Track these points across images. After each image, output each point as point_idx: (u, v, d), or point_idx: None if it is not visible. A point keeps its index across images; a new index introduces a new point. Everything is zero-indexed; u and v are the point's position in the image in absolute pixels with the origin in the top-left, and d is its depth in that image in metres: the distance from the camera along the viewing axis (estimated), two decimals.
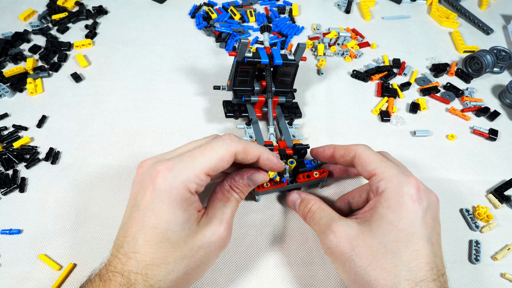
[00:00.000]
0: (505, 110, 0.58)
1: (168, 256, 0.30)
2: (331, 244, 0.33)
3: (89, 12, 0.69)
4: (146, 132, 0.52)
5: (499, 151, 0.53)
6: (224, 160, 0.33)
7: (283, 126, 0.50)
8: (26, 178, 0.47)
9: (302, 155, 0.46)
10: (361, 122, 0.55)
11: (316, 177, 0.43)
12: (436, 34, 0.70)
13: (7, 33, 0.65)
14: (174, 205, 0.30)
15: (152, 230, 0.30)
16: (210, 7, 0.71)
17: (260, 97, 0.49)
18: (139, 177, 0.32)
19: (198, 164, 0.31)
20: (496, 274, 0.42)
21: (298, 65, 0.50)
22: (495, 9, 0.76)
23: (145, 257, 0.30)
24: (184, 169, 0.31)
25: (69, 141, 0.51)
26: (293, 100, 0.52)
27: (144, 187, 0.31)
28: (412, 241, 0.31)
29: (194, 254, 0.31)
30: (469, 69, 0.63)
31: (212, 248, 0.32)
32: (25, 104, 0.55)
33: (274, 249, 0.42)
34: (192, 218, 0.32)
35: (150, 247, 0.30)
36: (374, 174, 0.35)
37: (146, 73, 0.60)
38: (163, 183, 0.30)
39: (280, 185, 0.42)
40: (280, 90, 0.52)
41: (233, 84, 0.49)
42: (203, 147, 0.33)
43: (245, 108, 0.51)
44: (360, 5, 0.74)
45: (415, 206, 0.32)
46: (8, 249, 0.41)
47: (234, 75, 0.48)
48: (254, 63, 0.47)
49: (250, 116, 0.50)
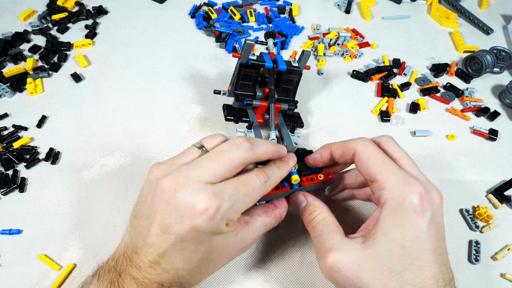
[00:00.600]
0: (505, 110, 0.58)
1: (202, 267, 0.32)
2: (331, 270, 0.31)
3: (89, 12, 0.69)
4: (146, 132, 0.52)
5: (499, 151, 0.53)
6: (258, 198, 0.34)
7: (285, 134, 0.49)
8: (26, 178, 0.47)
9: None
10: (361, 122, 0.55)
11: (320, 180, 0.39)
12: (436, 34, 0.70)
13: (7, 33, 0.65)
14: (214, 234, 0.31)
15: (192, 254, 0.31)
16: (210, 7, 0.71)
17: (263, 102, 0.48)
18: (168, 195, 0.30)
19: (242, 205, 0.32)
20: (496, 274, 0.42)
21: (301, 73, 0.49)
22: (495, 9, 0.76)
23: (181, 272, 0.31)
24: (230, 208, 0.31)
25: (69, 141, 0.51)
26: (295, 109, 0.50)
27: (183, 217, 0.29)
28: (417, 258, 0.30)
29: (222, 261, 0.33)
30: (469, 69, 0.63)
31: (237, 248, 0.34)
32: (25, 104, 0.55)
33: (274, 249, 0.42)
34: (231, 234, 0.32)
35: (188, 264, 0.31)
36: (375, 181, 0.33)
37: (146, 73, 0.60)
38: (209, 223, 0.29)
39: (281, 189, 0.38)
40: (283, 98, 0.50)
41: (235, 87, 0.48)
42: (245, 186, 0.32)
43: (245, 112, 0.50)
44: (360, 5, 0.74)
45: (419, 219, 0.30)
46: (8, 249, 0.41)
47: (236, 78, 0.47)
48: (258, 66, 0.46)
49: (251, 120, 0.48)
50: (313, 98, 0.58)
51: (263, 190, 0.33)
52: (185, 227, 0.29)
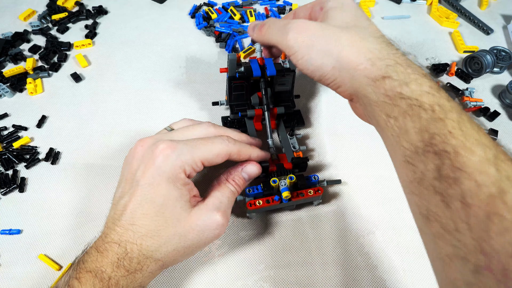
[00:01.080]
0: (505, 110, 0.58)
1: (161, 230, 0.32)
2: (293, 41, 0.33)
3: (89, 12, 0.69)
4: (146, 132, 0.52)
5: None
6: (219, 157, 0.36)
7: (283, 137, 0.48)
8: (26, 178, 0.47)
9: (303, 168, 0.44)
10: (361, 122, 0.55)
11: (310, 195, 0.41)
12: (436, 34, 0.70)
13: (7, 33, 0.65)
14: (170, 181, 0.33)
15: (149, 204, 0.32)
16: (210, 7, 0.71)
17: (257, 110, 0.48)
18: (140, 154, 0.35)
19: (198, 152, 0.34)
20: None
21: (294, 72, 0.48)
22: (495, 9, 0.76)
23: (141, 229, 0.32)
24: (186, 152, 0.34)
25: (69, 141, 0.51)
26: (293, 108, 0.50)
27: (146, 164, 0.33)
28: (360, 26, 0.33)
29: (185, 234, 0.33)
30: (469, 69, 0.63)
31: (206, 232, 0.34)
32: (25, 104, 0.55)
33: (274, 248, 0.42)
34: (184, 197, 0.33)
35: (146, 220, 0.32)
36: None
37: (146, 73, 0.60)
38: (165, 160, 0.33)
39: (272, 203, 0.40)
40: (280, 99, 0.50)
41: (229, 99, 0.49)
42: (205, 140, 0.36)
43: (244, 122, 0.49)
44: (360, 5, 0.74)
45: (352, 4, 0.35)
46: (8, 249, 0.41)
47: (229, 90, 0.48)
48: (246, 77, 0.46)
49: (249, 131, 0.48)
50: (312, 99, 0.58)
51: (223, 146, 0.36)
52: (145, 172, 0.33)
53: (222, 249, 0.42)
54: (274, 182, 0.40)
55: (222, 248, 0.42)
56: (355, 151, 0.51)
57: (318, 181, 0.43)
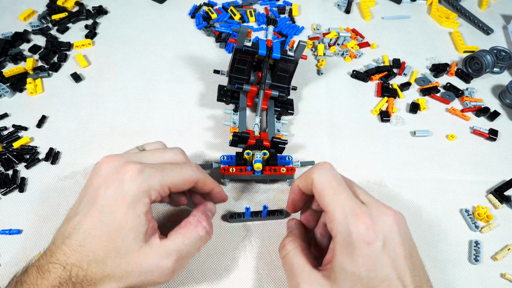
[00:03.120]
0: (505, 110, 0.58)
1: (109, 258, 0.30)
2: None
3: (89, 12, 0.69)
4: (146, 132, 0.52)
5: (499, 151, 0.53)
6: (187, 183, 0.35)
7: (270, 119, 0.51)
8: (26, 178, 0.47)
9: (279, 149, 0.45)
10: (361, 123, 0.55)
11: (282, 173, 0.43)
12: (436, 34, 0.70)
13: (7, 33, 0.65)
14: (131, 207, 0.31)
15: (104, 227, 0.30)
16: (210, 7, 0.71)
17: (253, 87, 0.51)
18: (104, 171, 0.32)
19: (166, 176, 0.33)
20: (496, 274, 0.42)
21: (297, 62, 0.50)
22: (495, 9, 0.76)
23: (89, 253, 0.30)
24: (153, 176, 0.32)
25: (69, 141, 0.51)
26: (287, 96, 0.53)
27: (109, 183, 0.31)
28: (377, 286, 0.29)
29: (128, 271, 0.31)
30: (469, 69, 0.63)
31: (148, 277, 0.31)
32: (25, 104, 0.55)
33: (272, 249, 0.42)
34: (140, 228, 0.31)
35: (97, 243, 0.30)
36: (326, 212, 0.32)
37: (146, 73, 0.60)
38: (130, 183, 0.31)
39: (245, 172, 0.43)
40: (277, 85, 0.53)
41: (230, 70, 0.51)
42: (174, 165, 0.35)
43: (238, 95, 0.52)
44: (360, 5, 0.74)
45: (369, 248, 0.29)
46: (8, 249, 0.41)
47: (232, 61, 0.50)
48: (251, 53, 0.48)
49: (240, 103, 0.52)
50: (312, 98, 0.58)
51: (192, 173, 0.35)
52: (106, 192, 0.31)
53: None
54: (248, 154, 0.43)
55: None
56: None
57: (292, 161, 0.46)
